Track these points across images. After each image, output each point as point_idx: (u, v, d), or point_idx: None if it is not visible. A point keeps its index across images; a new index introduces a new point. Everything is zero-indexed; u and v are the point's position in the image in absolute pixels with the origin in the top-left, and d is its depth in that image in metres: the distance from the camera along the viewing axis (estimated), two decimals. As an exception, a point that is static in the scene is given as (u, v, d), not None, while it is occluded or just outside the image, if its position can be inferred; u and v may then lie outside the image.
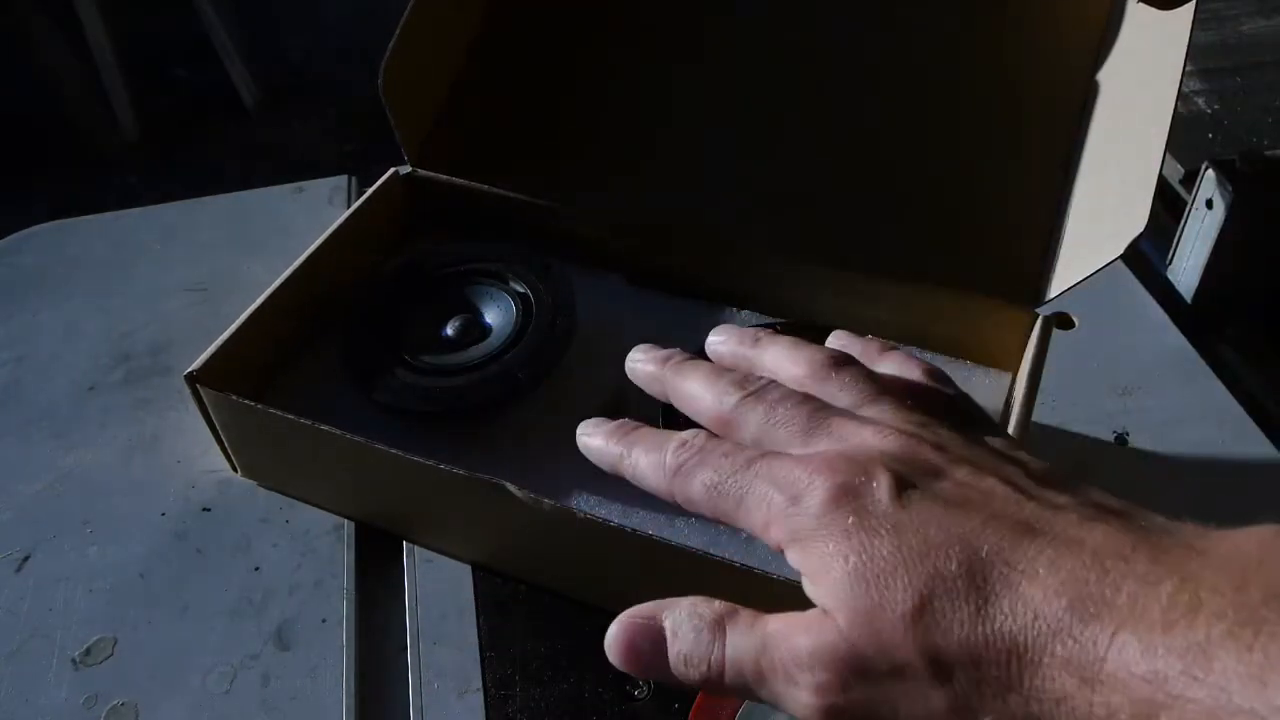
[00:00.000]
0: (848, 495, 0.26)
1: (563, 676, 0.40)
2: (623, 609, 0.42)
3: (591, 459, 0.35)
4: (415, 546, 0.46)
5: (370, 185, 0.55)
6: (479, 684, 0.40)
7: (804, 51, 0.55)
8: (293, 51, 2.18)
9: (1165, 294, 0.58)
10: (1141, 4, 0.47)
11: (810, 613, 0.27)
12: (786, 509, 0.27)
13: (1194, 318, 0.57)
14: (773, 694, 0.27)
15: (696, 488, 0.30)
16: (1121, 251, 0.40)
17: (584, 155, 0.57)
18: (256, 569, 0.45)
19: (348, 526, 0.47)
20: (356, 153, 1.86)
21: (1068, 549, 0.24)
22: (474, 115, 0.58)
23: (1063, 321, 0.55)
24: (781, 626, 0.27)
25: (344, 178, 0.67)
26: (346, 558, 0.45)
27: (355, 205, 0.53)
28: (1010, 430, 0.41)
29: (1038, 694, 0.23)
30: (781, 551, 0.28)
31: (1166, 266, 0.59)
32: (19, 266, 0.62)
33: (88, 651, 0.42)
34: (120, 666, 0.42)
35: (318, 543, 0.46)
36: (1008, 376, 0.48)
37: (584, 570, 0.42)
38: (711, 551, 0.38)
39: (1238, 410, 0.50)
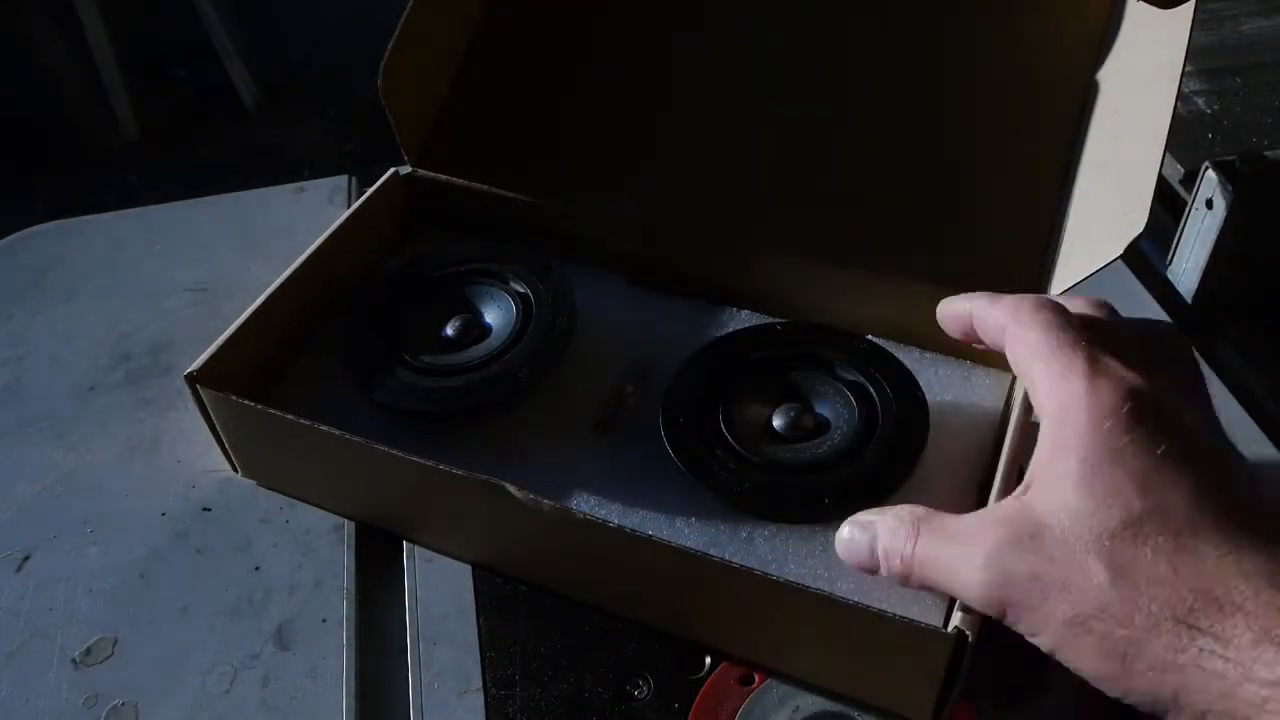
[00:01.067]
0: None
1: (563, 676, 0.40)
2: (623, 609, 0.42)
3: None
4: (415, 546, 0.46)
5: (370, 185, 0.55)
6: (479, 684, 0.40)
7: (804, 52, 0.55)
8: (293, 51, 2.18)
9: (1165, 294, 0.58)
10: (1141, 4, 0.47)
11: (1009, 507, 0.32)
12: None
13: (1194, 318, 0.57)
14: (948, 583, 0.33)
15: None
16: (1121, 251, 0.40)
17: (584, 155, 0.57)
18: (256, 569, 0.45)
19: (348, 526, 0.47)
20: (356, 153, 1.86)
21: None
22: (474, 115, 0.58)
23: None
24: (972, 521, 0.33)
25: (344, 178, 0.67)
26: (346, 558, 0.45)
27: (355, 205, 0.53)
28: (1010, 431, 0.42)
29: (1200, 634, 0.27)
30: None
31: (1166, 266, 0.59)
32: (19, 266, 0.62)
33: (88, 651, 0.42)
34: (120, 666, 0.42)
35: (318, 543, 0.46)
36: (1008, 377, 0.48)
37: (584, 570, 0.42)
38: (711, 552, 0.38)
39: (1238, 410, 0.50)
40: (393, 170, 0.56)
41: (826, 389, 0.46)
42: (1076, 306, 0.38)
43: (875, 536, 0.36)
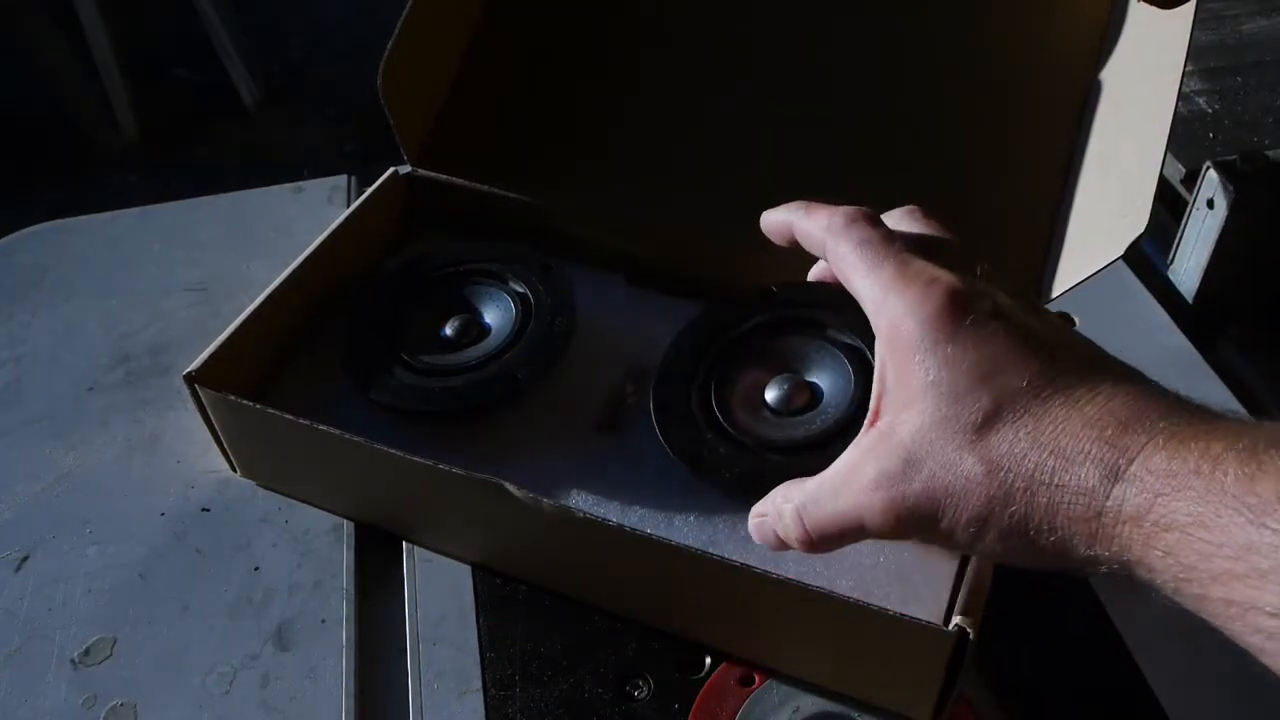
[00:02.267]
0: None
1: (563, 676, 0.40)
2: (623, 608, 0.42)
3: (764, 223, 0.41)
4: (415, 546, 0.46)
5: (370, 185, 0.55)
6: (479, 684, 0.40)
7: (804, 52, 0.55)
8: (293, 51, 2.18)
9: (1166, 294, 0.58)
10: (1142, 3, 0.47)
11: (866, 441, 0.34)
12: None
13: (1195, 318, 0.57)
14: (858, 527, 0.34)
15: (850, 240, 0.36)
16: (1122, 252, 0.40)
17: (584, 155, 0.56)
18: (256, 569, 0.45)
19: (347, 526, 0.47)
20: (356, 153, 1.86)
21: (1126, 382, 0.31)
22: (474, 115, 0.58)
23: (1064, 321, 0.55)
24: (844, 470, 0.34)
25: (344, 178, 0.67)
26: (346, 558, 0.45)
27: (355, 205, 0.53)
28: None
29: (1065, 490, 0.29)
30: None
31: (1167, 267, 0.59)
32: (19, 266, 0.62)
33: (87, 652, 0.42)
34: (120, 666, 0.42)
35: (317, 543, 0.46)
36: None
37: (583, 570, 0.42)
38: (710, 550, 0.38)
39: (1239, 410, 0.50)
40: (392, 170, 0.56)
41: (821, 355, 0.44)
42: (890, 220, 0.38)
43: (774, 529, 0.37)
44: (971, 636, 0.34)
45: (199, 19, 1.92)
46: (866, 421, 0.34)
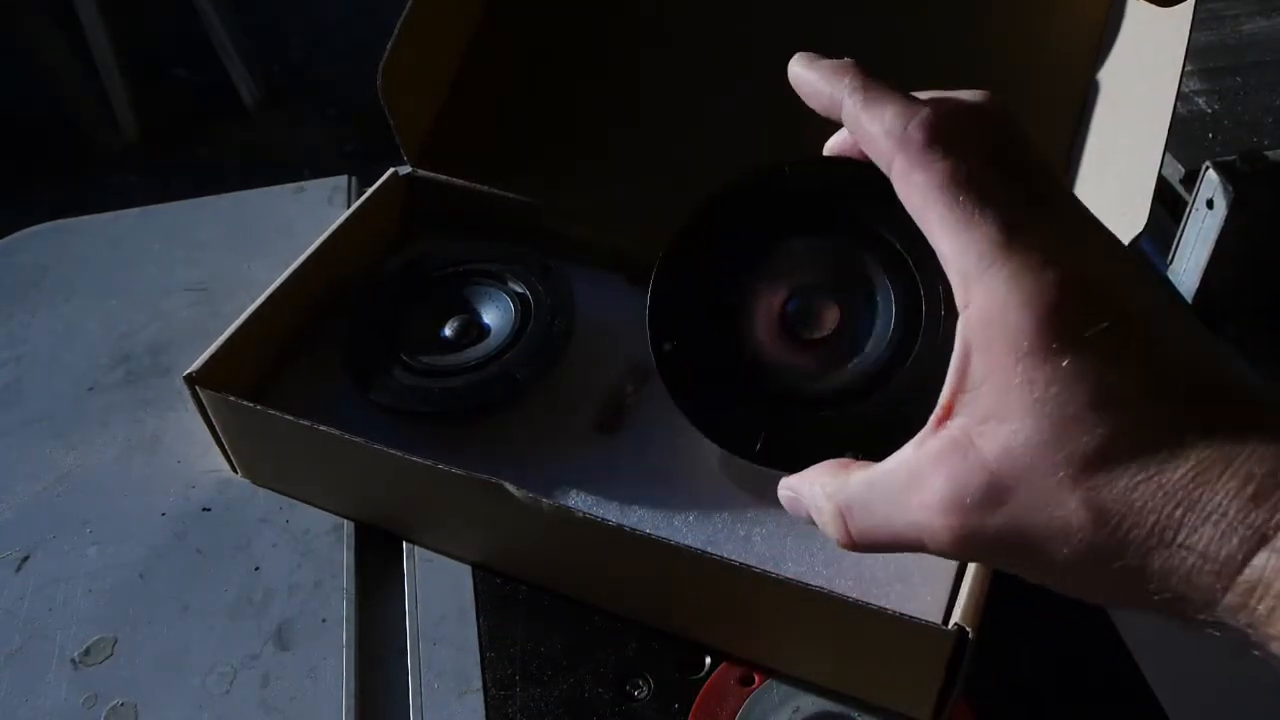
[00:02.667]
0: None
1: (563, 676, 0.40)
2: (622, 608, 0.42)
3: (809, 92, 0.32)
4: (415, 546, 0.46)
5: (370, 185, 0.55)
6: (479, 684, 0.40)
7: (804, 50, 0.55)
8: (293, 51, 2.18)
9: (1166, 294, 0.58)
10: (1141, 3, 0.47)
11: (935, 446, 0.28)
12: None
13: (1195, 318, 0.57)
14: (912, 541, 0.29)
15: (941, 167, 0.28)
16: (1121, 251, 0.40)
17: (584, 155, 0.56)
18: (256, 569, 0.45)
19: (347, 526, 0.47)
20: (356, 153, 1.86)
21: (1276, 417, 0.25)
22: (474, 115, 0.58)
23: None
24: (904, 477, 0.28)
25: (344, 178, 0.67)
26: (346, 558, 0.45)
27: (355, 205, 0.53)
28: None
29: (1191, 553, 0.24)
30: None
31: (1167, 267, 0.59)
32: (19, 266, 0.62)
33: (87, 651, 0.42)
34: (120, 666, 0.42)
35: (317, 543, 0.46)
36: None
37: (583, 570, 0.42)
38: (709, 550, 0.38)
39: None
40: (392, 170, 0.56)
41: (850, 264, 0.34)
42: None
43: (806, 511, 0.32)
44: (971, 636, 0.34)
45: (199, 19, 1.92)
46: (934, 417, 0.28)
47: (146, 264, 0.61)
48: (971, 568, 0.37)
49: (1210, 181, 0.54)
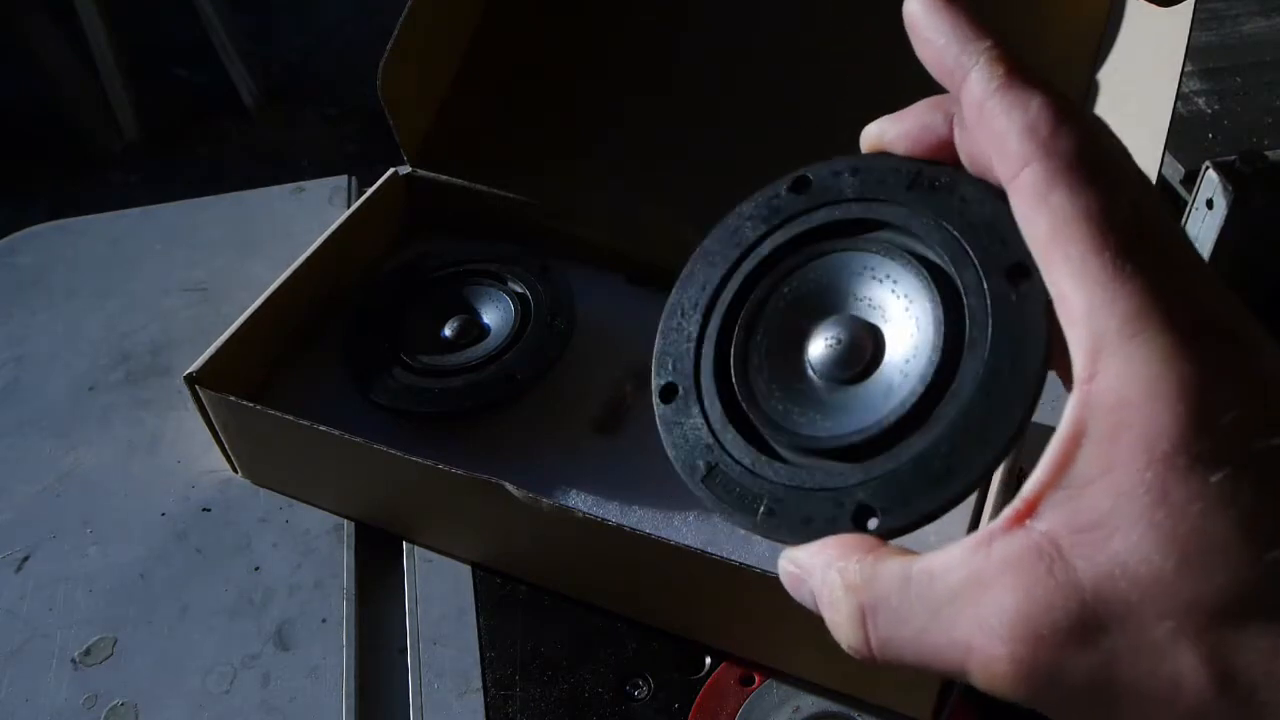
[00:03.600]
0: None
1: (563, 676, 0.40)
2: (623, 608, 0.42)
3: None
4: (415, 546, 0.46)
5: (370, 185, 0.55)
6: (479, 684, 0.40)
7: (804, 50, 0.55)
8: (293, 51, 2.18)
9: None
10: (1141, 2, 0.47)
11: (1008, 551, 0.21)
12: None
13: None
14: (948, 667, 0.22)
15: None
16: (1121, 251, 0.40)
17: (584, 155, 0.56)
18: (256, 569, 0.45)
19: (347, 526, 0.47)
20: (356, 153, 1.86)
21: None
22: (474, 115, 0.58)
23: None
24: (957, 581, 0.21)
25: (344, 178, 0.67)
26: (346, 558, 0.45)
27: (355, 205, 0.53)
28: None
29: None
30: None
31: (1166, 266, 0.59)
32: (19, 266, 0.62)
33: (87, 651, 0.42)
34: (120, 666, 0.42)
35: (318, 543, 0.46)
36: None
37: (584, 570, 0.42)
38: (709, 550, 0.38)
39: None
40: (392, 170, 0.56)
41: (900, 283, 0.27)
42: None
43: (811, 596, 0.26)
44: (971, 636, 0.34)
45: (199, 19, 1.92)
46: (1011, 511, 0.21)
47: (147, 264, 0.61)
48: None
49: (1210, 181, 0.54)
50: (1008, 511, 0.21)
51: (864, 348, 0.27)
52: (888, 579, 0.23)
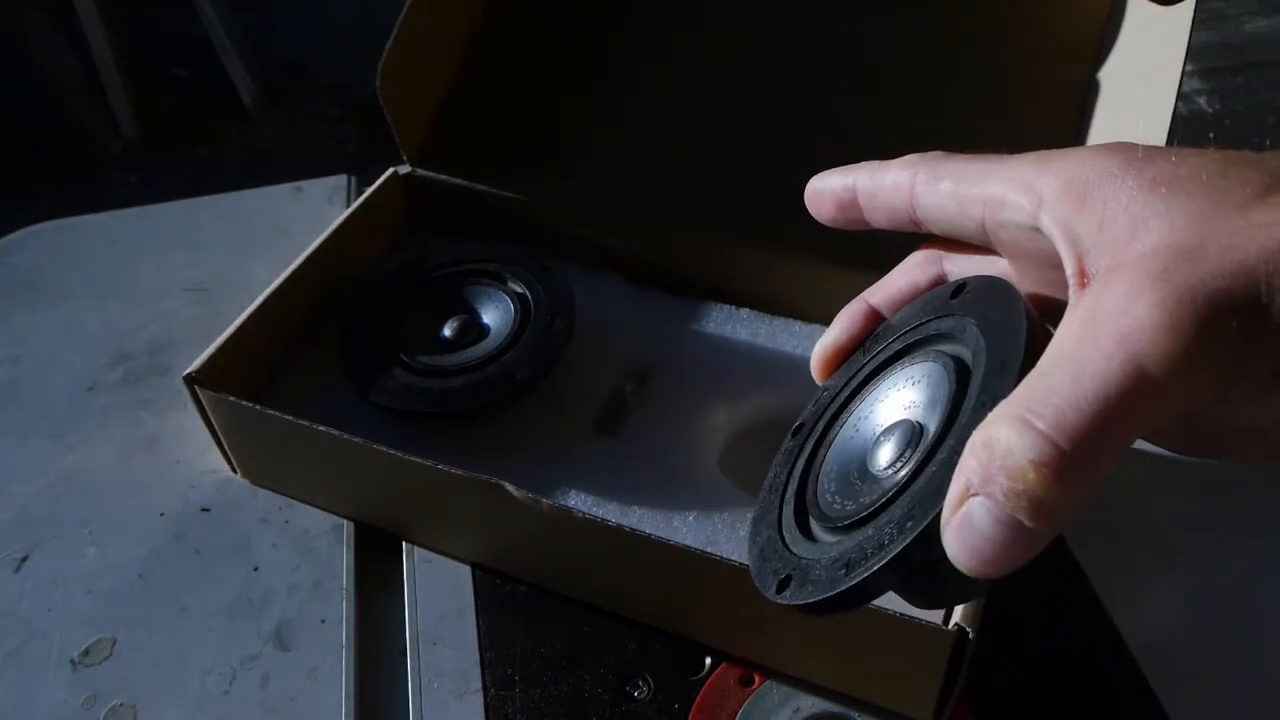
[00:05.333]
0: None
1: (563, 676, 0.40)
2: (623, 608, 0.42)
3: None
4: (415, 546, 0.45)
5: (370, 185, 0.55)
6: (479, 684, 0.40)
7: (804, 50, 0.55)
8: (293, 51, 2.18)
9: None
10: (1141, 2, 0.47)
11: (1092, 292, 0.23)
12: None
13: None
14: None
15: None
16: (1122, 251, 0.39)
17: (584, 155, 0.56)
18: (256, 569, 0.45)
19: (347, 526, 0.47)
20: (356, 153, 1.86)
21: None
22: (474, 115, 0.58)
23: None
24: (1072, 334, 0.22)
25: (344, 178, 0.67)
26: (346, 558, 0.45)
27: (354, 205, 0.53)
28: None
29: None
30: None
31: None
32: (19, 266, 0.62)
33: (86, 652, 0.42)
34: (119, 667, 0.42)
35: (317, 543, 0.46)
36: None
37: (583, 570, 0.42)
38: (709, 550, 0.38)
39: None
40: (392, 170, 0.56)
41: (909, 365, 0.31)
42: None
43: (991, 513, 0.22)
44: (971, 636, 0.34)
45: (199, 19, 1.92)
46: (1073, 290, 0.24)
47: (146, 264, 0.61)
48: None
49: (1211, 181, 0.54)
50: (1071, 295, 0.24)
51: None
52: (1024, 390, 0.22)
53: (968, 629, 0.34)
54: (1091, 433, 0.21)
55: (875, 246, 0.50)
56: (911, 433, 0.29)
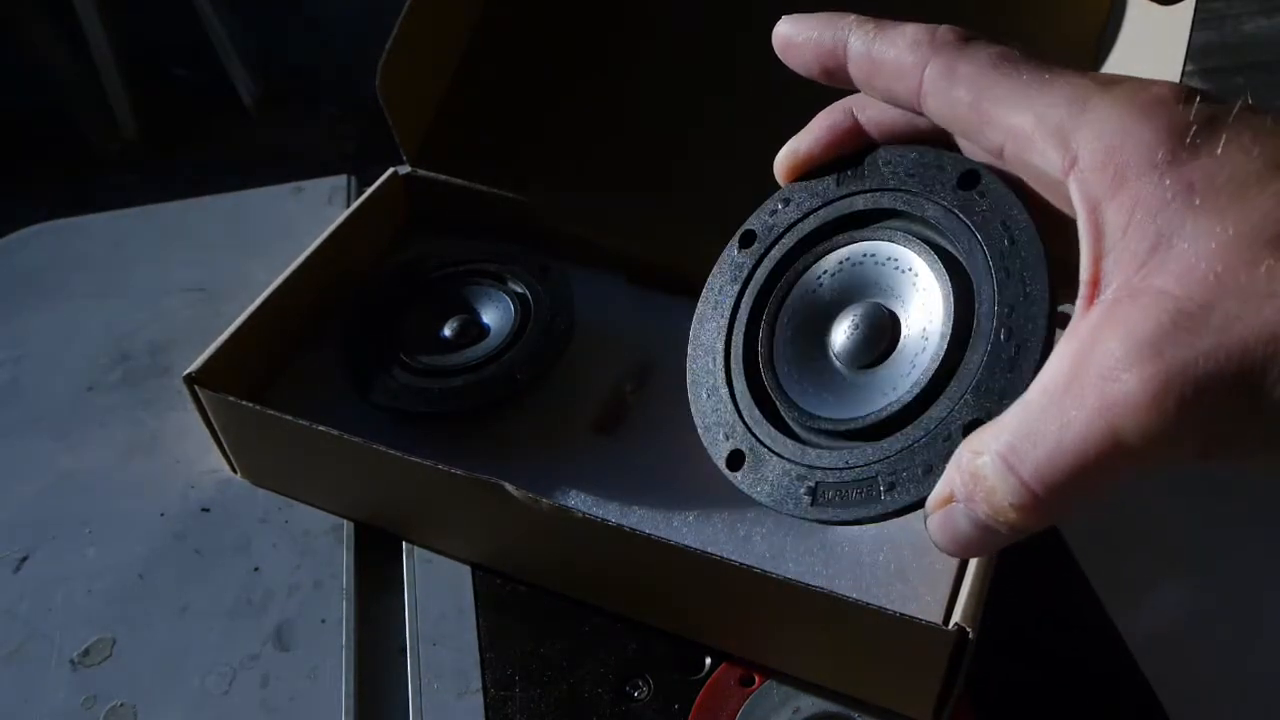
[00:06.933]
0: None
1: (563, 677, 0.40)
2: (623, 608, 0.42)
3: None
4: (415, 546, 0.45)
5: (370, 185, 0.55)
6: (479, 684, 0.40)
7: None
8: (292, 51, 2.18)
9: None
10: (1141, 2, 0.47)
11: (1094, 319, 0.22)
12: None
13: None
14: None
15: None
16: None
17: (584, 155, 0.56)
18: (256, 569, 0.45)
19: (347, 526, 0.47)
20: (356, 153, 1.86)
21: None
22: (474, 115, 0.58)
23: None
24: (1063, 374, 0.23)
25: (344, 178, 0.67)
26: (346, 558, 0.45)
27: (355, 205, 0.53)
28: None
29: None
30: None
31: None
32: (19, 266, 0.62)
33: (86, 652, 0.42)
34: (119, 667, 0.42)
35: (317, 543, 0.46)
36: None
37: (583, 570, 0.42)
38: (709, 550, 0.38)
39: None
40: (392, 170, 0.56)
41: (907, 262, 0.29)
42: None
43: (965, 515, 0.25)
44: (971, 636, 0.34)
45: (199, 19, 1.92)
46: (1081, 299, 0.24)
47: (146, 264, 0.61)
48: (971, 568, 0.37)
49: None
50: (1079, 302, 0.23)
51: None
52: (1012, 421, 0.23)
53: (968, 629, 0.34)
54: (1068, 486, 0.22)
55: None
56: (882, 324, 0.29)
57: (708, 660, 0.41)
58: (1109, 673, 0.40)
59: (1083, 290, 0.23)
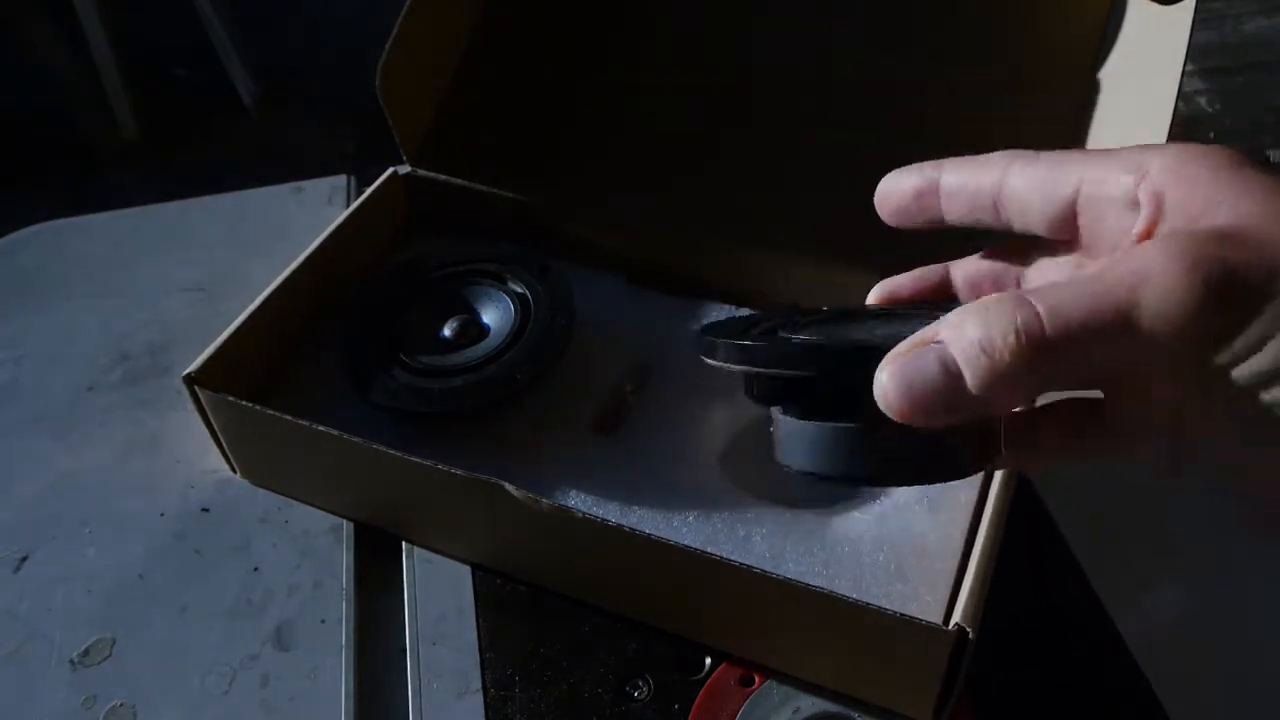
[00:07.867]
0: None
1: (563, 677, 0.40)
2: (623, 608, 0.42)
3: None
4: (414, 546, 0.45)
5: (370, 185, 0.55)
6: (478, 684, 0.40)
7: (804, 50, 0.55)
8: (293, 51, 2.18)
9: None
10: (1141, 2, 0.47)
11: (1145, 245, 0.25)
12: None
13: None
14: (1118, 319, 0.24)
15: None
16: (1122, 250, 0.39)
17: (584, 155, 0.56)
18: (255, 569, 0.45)
19: (347, 527, 0.47)
20: (356, 153, 1.86)
21: None
22: (474, 115, 0.58)
23: None
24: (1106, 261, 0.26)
25: (344, 178, 0.67)
26: (346, 558, 0.45)
27: (354, 205, 0.53)
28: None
29: None
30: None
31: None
32: (19, 266, 0.61)
33: (86, 652, 0.42)
34: (119, 667, 0.42)
35: (317, 543, 0.46)
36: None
37: (583, 570, 0.42)
38: (709, 550, 0.38)
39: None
40: (392, 170, 0.56)
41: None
42: None
43: (947, 343, 0.25)
44: (971, 636, 0.34)
45: (198, 19, 1.92)
46: (1136, 235, 0.27)
47: (146, 264, 0.61)
48: (971, 568, 0.37)
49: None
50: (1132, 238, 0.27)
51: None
52: (1048, 288, 0.25)
53: (968, 629, 0.34)
54: (1072, 333, 0.24)
55: (877, 246, 0.50)
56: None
57: (708, 660, 0.41)
58: (1109, 672, 0.40)
59: (1140, 230, 0.27)
